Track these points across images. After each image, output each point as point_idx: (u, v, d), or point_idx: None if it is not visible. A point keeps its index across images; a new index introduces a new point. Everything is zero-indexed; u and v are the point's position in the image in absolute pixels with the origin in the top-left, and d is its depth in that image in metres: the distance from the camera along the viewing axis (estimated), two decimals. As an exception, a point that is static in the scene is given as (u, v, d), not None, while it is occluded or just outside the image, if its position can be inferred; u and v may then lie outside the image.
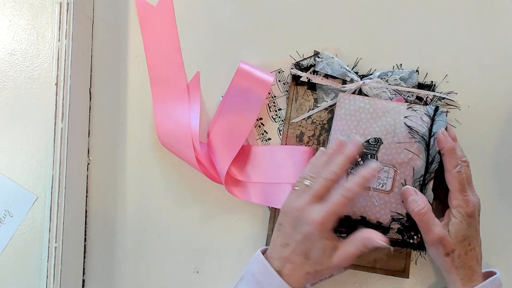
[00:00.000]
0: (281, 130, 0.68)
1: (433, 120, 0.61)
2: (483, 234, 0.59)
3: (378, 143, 0.62)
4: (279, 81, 0.68)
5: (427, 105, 0.62)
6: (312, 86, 0.66)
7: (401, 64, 0.67)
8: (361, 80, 0.64)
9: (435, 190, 0.61)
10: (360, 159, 0.62)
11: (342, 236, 0.63)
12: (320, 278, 0.61)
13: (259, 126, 0.68)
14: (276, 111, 0.68)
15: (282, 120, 0.68)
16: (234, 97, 0.66)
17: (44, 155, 0.68)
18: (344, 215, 0.61)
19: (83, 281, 0.68)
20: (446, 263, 0.57)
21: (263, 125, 0.68)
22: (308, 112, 0.66)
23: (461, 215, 0.57)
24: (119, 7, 0.70)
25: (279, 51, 0.68)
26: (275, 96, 0.68)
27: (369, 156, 0.62)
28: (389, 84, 0.64)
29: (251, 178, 0.67)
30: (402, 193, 0.60)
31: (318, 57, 0.66)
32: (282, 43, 0.68)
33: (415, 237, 0.60)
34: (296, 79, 0.67)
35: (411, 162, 0.61)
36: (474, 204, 0.58)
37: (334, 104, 0.65)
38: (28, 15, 0.70)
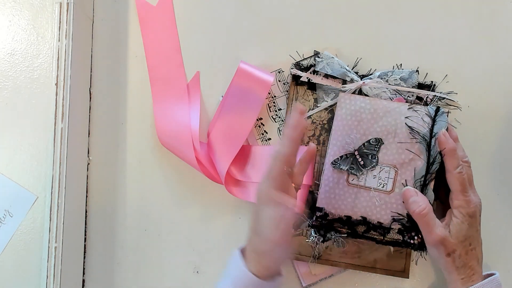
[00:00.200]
0: (281, 130, 0.68)
1: (434, 121, 0.61)
2: (483, 234, 0.59)
3: (379, 143, 0.62)
4: (279, 81, 0.68)
5: (428, 106, 0.62)
6: (312, 86, 0.66)
7: (401, 64, 0.67)
8: (361, 80, 0.64)
9: (436, 191, 0.61)
10: (361, 159, 0.62)
11: (342, 236, 0.63)
12: (278, 259, 0.56)
13: (259, 126, 0.68)
14: (276, 111, 0.68)
15: (282, 120, 0.68)
16: (234, 97, 0.66)
17: (44, 155, 0.68)
18: (345, 215, 0.61)
19: (83, 281, 0.68)
20: (447, 263, 0.57)
21: (263, 125, 0.68)
22: (308, 112, 0.66)
23: (462, 216, 0.57)
24: (119, 7, 0.70)
25: (279, 51, 0.68)
26: (275, 96, 0.68)
27: (370, 156, 0.62)
28: (389, 84, 0.64)
29: (251, 178, 0.67)
30: (403, 194, 0.60)
31: (318, 57, 0.66)
32: (282, 43, 0.68)
33: (416, 238, 0.60)
34: (296, 79, 0.66)
35: (412, 163, 0.61)
36: (476, 205, 0.58)
37: (334, 104, 0.65)
38: (28, 15, 0.69)
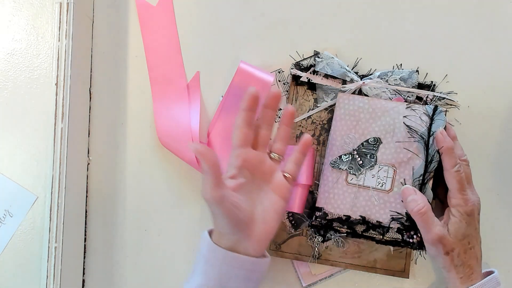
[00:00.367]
0: (281, 130, 0.68)
1: (432, 120, 0.61)
2: (483, 234, 0.59)
3: (378, 143, 0.62)
4: (279, 81, 0.68)
5: (427, 105, 0.62)
6: (312, 86, 0.66)
7: (401, 64, 0.67)
8: (361, 80, 0.64)
9: (435, 189, 0.61)
10: (359, 159, 0.62)
11: (342, 236, 0.63)
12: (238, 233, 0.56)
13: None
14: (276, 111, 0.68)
15: (282, 120, 0.68)
16: (234, 97, 0.66)
17: (44, 155, 0.68)
18: (344, 215, 0.61)
19: (83, 281, 0.68)
20: (446, 262, 0.57)
21: (263, 125, 0.68)
22: (308, 112, 0.66)
23: (460, 214, 0.57)
24: (119, 7, 0.70)
25: (279, 51, 0.68)
26: (275, 96, 0.68)
27: (369, 156, 0.62)
28: (389, 84, 0.64)
29: (251, 178, 0.67)
30: (402, 193, 0.60)
31: (318, 57, 0.66)
32: (282, 43, 0.68)
33: (415, 237, 0.60)
34: (296, 79, 0.67)
35: (411, 162, 0.61)
36: (474, 203, 0.58)
37: (334, 104, 0.65)
38: (28, 15, 0.70)
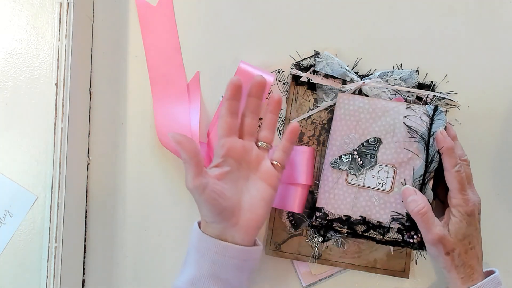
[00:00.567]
0: (281, 130, 0.68)
1: (432, 120, 0.61)
2: (483, 234, 0.59)
3: (378, 143, 0.62)
4: (279, 81, 0.68)
5: (427, 105, 0.62)
6: (312, 86, 0.66)
7: (401, 64, 0.67)
8: (361, 80, 0.64)
9: (435, 190, 0.61)
10: (360, 159, 0.62)
11: (342, 236, 0.63)
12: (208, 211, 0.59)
13: (259, 126, 0.68)
14: (276, 111, 0.68)
15: (282, 120, 0.68)
16: (234, 97, 0.66)
17: (44, 155, 0.68)
18: (344, 215, 0.61)
19: (83, 281, 0.68)
20: (447, 262, 0.57)
21: (263, 125, 0.68)
22: (308, 112, 0.66)
23: (461, 214, 0.57)
24: (119, 7, 0.70)
25: (279, 51, 0.68)
26: (275, 96, 0.68)
27: (369, 156, 0.62)
28: (389, 84, 0.64)
29: (251, 178, 0.66)
30: (402, 193, 0.60)
31: (318, 57, 0.66)
32: (282, 43, 0.68)
33: (415, 237, 0.60)
34: (296, 79, 0.67)
35: (411, 162, 0.61)
36: (474, 203, 0.58)
37: (334, 104, 0.65)
38: (28, 15, 0.70)
